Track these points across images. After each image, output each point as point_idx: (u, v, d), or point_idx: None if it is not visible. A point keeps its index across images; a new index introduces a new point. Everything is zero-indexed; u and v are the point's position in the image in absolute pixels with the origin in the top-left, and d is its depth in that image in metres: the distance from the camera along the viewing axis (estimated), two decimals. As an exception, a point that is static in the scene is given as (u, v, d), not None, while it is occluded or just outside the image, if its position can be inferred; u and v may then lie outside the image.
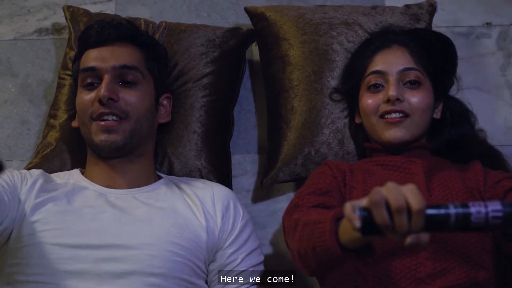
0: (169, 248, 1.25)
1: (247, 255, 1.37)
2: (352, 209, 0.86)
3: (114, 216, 1.28)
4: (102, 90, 1.35)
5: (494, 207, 0.84)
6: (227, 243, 1.37)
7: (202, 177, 1.56)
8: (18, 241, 1.23)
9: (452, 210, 0.85)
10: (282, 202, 1.66)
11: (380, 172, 1.39)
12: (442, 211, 0.85)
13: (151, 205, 1.35)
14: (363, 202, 0.87)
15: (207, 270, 1.36)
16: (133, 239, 1.25)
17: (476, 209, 0.84)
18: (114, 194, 1.36)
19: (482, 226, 0.85)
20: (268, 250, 1.63)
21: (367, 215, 0.85)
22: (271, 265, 1.58)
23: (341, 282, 1.29)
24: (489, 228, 0.86)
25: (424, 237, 0.85)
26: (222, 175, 1.61)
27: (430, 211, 0.85)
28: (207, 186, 1.46)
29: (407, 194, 0.84)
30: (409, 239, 0.84)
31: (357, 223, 0.85)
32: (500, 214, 0.84)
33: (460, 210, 0.84)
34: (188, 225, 1.32)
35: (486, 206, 0.85)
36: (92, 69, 1.41)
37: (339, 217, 1.00)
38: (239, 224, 1.40)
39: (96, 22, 1.52)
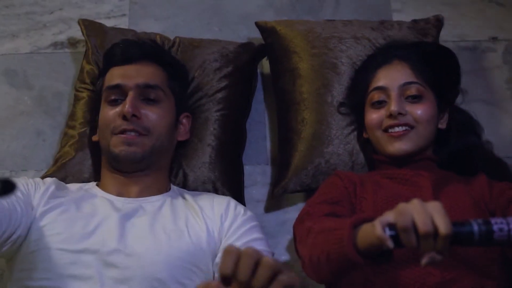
0: (169, 253, 1.25)
1: (250, 241, 1.34)
2: (382, 228, 0.89)
3: (119, 223, 1.28)
4: (127, 106, 1.37)
5: None
6: (229, 232, 1.35)
7: (215, 188, 1.57)
8: (27, 246, 1.24)
9: (475, 228, 0.87)
10: (292, 213, 1.66)
11: (389, 184, 1.39)
12: (466, 229, 0.88)
13: (154, 213, 1.35)
14: (390, 217, 0.91)
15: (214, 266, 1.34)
16: (135, 245, 1.25)
17: (498, 226, 0.87)
18: (121, 202, 1.37)
19: (505, 242, 0.88)
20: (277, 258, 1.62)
21: (395, 235, 0.89)
22: None
23: None
24: None
25: (439, 257, 0.88)
26: (235, 186, 1.62)
27: (455, 229, 0.87)
28: (209, 196, 1.47)
29: (435, 216, 0.87)
30: (425, 260, 0.88)
31: (390, 244, 0.89)
32: None
33: (483, 227, 0.87)
34: (189, 229, 1.32)
35: (508, 224, 0.87)
36: (117, 87, 1.43)
37: (356, 225, 1.02)
38: (241, 219, 1.39)
39: (122, 41, 1.56)
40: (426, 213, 0.87)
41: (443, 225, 0.86)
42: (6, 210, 1.17)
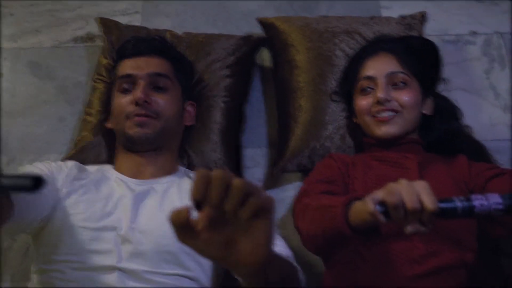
0: None
1: None
2: (374, 204, 0.89)
3: (132, 203, 1.28)
4: (139, 93, 1.37)
5: (495, 199, 0.88)
6: None
7: (217, 167, 1.55)
8: (53, 224, 1.23)
9: (458, 204, 0.87)
10: (289, 190, 1.65)
11: (378, 166, 1.38)
12: (450, 205, 0.88)
13: (163, 193, 1.34)
14: (380, 195, 0.90)
15: None
16: (147, 223, 1.24)
17: (478, 202, 0.87)
18: (135, 183, 1.36)
19: (485, 216, 0.88)
20: (277, 233, 1.60)
21: (386, 211, 0.88)
22: None
23: (342, 262, 1.28)
24: (492, 218, 0.91)
25: (423, 229, 0.88)
26: (235, 165, 1.62)
27: (439, 206, 0.87)
28: None
29: (421, 194, 0.87)
30: (410, 229, 0.88)
31: (382, 219, 0.88)
32: (501, 206, 0.87)
33: (465, 203, 0.87)
34: None
35: (487, 199, 0.87)
36: (128, 76, 1.43)
37: (348, 203, 1.03)
38: None
39: (132, 37, 1.56)
40: (413, 191, 0.87)
41: (429, 202, 0.85)
42: (36, 194, 1.15)
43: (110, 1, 1.97)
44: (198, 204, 0.69)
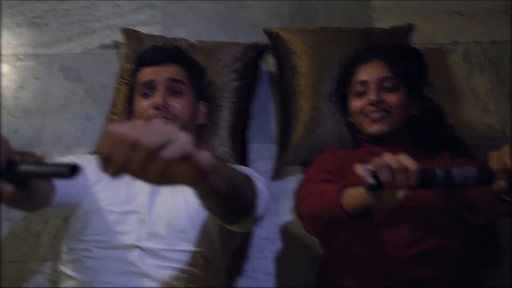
0: (188, 207, 1.24)
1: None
2: (364, 170, 0.88)
3: (150, 191, 1.27)
4: (158, 98, 1.37)
5: (471, 170, 0.89)
6: None
7: (225, 160, 1.54)
8: (82, 208, 1.23)
9: (438, 170, 0.88)
10: (291, 182, 1.63)
11: (370, 160, 1.34)
12: (431, 171, 0.88)
13: None
14: (370, 167, 0.89)
15: None
16: (160, 207, 1.25)
17: (457, 170, 0.88)
18: None
19: (462, 184, 0.88)
20: (279, 219, 1.60)
21: (376, 178, 0.87)
22: (281, 232, 1.59)
23: (338, 245, 1.27)
24: (468, 185, 0.90)
25: (411, 193, 0.86)
26: (241, 158, 1.61)
27: (421, 171, 0.87)
28: None
29: (403, 159, 0.87)
30: (401, 193, 0.86)
31: (371, 180, 0.87)
32: (476, 176, 0.88)
33: (444, 170, 0.88)
34: None
35: (464, 170, 0.88)
36: (148, 82, 1.42)
37: (342, 189, 1.03)
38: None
39: (151, 47, 1.55)
40: (397, 158, 0.87)
41: (411, 164, 0.86)
42: (72, 183, 1.16)
43: (134, 14, 1.96)
44: (103, 160, 0.64)
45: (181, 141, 0.66)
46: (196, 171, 0.70)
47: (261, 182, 1.15)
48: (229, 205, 0.93)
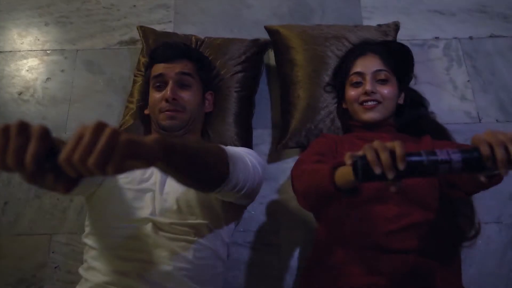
0: (196, 194, 1.21)
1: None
2: (351, 156, 0.83)
3: (162, 173, 1.23)
4: (169, 92, 1.34)
5: (456, 153, 0.79)
6: None
7: (231, 144, 1.50)
8: (104, 187, 1.22)
9: (423, 152, 0.79)
10: (290, 163, 1.59)
11: (360, 144, 1.31)
12: (416, 154, 0.79)
13: None
14: (359, 153, 0.84)
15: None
16: (170, 186, 1.22)
17: (440, 151, 0.79)
18: None
19: (447, 170, 0.79)
20: (279, 196, 1.57)
21: (363, 158, 0.80)
22: (280, 207, 1.55)
23: (331, 219, 1.24)
24: (453, 172, 0.79)
25: (399, 184, 0.81)
26: (246, 142, 1.56)
27: (408, 154, 0.79)
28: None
29: (390, 145, 0.80)
30: (392, 188, 0.81)
31: (355, 159, 0.81)
32: (460, 158, 0.79)
33: (429, 151, 0.79)
34: None
35: (449, 154, 0.79)
36: (161, 76, 1.38)
37: (335, 167, 0.99)
38: (242, 149, 1.24)
39: (162, 44, 1.49)
40: (383, 144, 0.81)
41: (397, 147, 0.79)
42: None
43: (149, 13, 1.89)
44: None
45: (98, 148, 0.59)
46: (139, 158, 0.63)
47: (253, 157, 1.14)
48: (195, 176, 0.86)
